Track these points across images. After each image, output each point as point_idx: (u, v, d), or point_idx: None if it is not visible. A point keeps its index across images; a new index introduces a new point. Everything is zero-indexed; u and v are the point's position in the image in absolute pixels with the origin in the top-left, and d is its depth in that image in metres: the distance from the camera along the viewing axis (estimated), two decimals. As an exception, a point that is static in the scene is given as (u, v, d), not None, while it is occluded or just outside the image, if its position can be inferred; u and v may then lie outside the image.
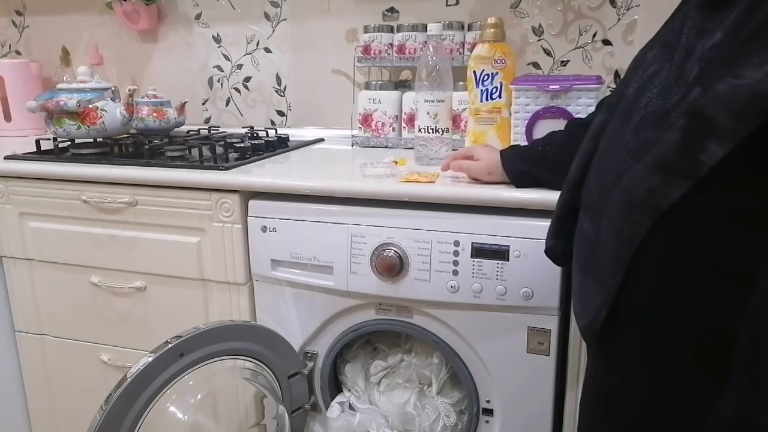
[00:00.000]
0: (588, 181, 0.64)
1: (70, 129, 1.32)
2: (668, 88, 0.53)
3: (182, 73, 1.79)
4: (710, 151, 0.47)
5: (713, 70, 0.48)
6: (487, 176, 1.02)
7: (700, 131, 0.47)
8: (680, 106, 0.50)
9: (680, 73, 0.52)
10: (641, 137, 0.54)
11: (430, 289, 1.03)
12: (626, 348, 0.57)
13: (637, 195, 0.52)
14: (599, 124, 0.65)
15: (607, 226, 0.56)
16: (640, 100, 0.57)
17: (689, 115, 0.48)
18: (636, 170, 0.53)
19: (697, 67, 0.50)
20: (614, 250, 0.55)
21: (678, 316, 0.52)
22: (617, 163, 0.56)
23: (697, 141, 0.47)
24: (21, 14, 1.93)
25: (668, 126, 0.50)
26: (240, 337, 1.05)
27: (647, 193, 0.51)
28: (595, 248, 0.59)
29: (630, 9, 1.37)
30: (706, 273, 0.50)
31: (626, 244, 0.53)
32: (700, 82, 0.49)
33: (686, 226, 0.50)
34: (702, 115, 0.47)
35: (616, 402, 0.60)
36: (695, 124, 0.48)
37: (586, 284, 0.61)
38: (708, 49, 0.50)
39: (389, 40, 1.47)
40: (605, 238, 0.57)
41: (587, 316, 0.60)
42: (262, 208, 1.12)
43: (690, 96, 0.49)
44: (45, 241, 1.30)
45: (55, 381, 1.41)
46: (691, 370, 0.52)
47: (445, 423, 1.12)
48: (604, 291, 0.57)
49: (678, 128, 0.49)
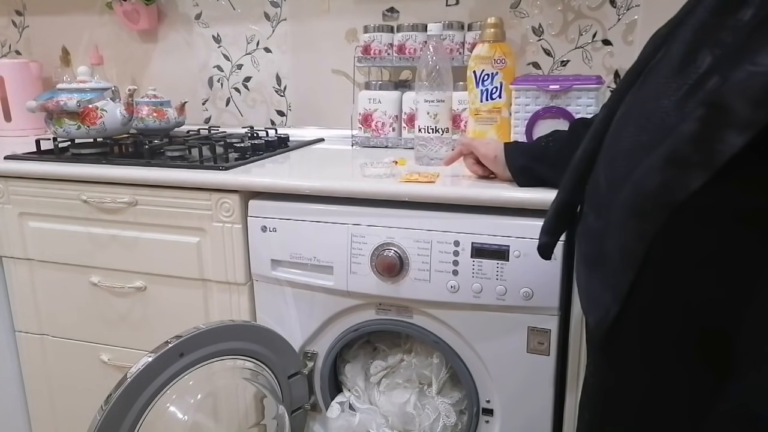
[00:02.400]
0: (594, 176, 0.63)
1: (70, 129, 1.32)
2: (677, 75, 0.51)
3: (182, 73, 1.79)
4: (729, 141, 0.45)
5: (729, 57, 0.46)
6: (493, 161, 1.02)
7: (719, 121, 0.46)
8: (696, 96, 0.48)
9: (690, 59, 0.50)
10: (653, 129, 0.52)
11: (430, 289, 1.03)
12: (627, 345, 0.57)
13: (650, 188, 0.50)
14: (601, 121, 0.64)
15: (617, 221, 0.55)
16: (648, 91, 0.55)
17: (708, 105, 0.46)
18: (649, 163, 0.51)
19: (709, 54, 0.48)
20: (623, 246, 0.54)
21: (680, 314, 0.51)
22: (627, 156, 0.54)
23: (716, 131, 0.46)
24: (21, 14, 1.93)
25: (684, 116, 0.48)
26: (240, 337, 1.05)
27: (660, 187, 0.49)
28: (601, 244, 0.57)
29: (630, 9, 1.37)
30: (709, 271, 0.49)
31: (637, 240, 0.52)
32: (718, 71, 0.47)
33: (689, 224, 0.49)
34: (722, 105, 0.45)
35: (617, 400, 0.60)
36: (714, 114, 0.46)
37: (591, 281, 0.60)
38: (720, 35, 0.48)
39: (389, 40, 1.47)
40: (613, 234, 0.55)
41: (596, 313, 0.59)
42: (262, 208, 1.12)
43: (707, 85, 0.47)
44: (45, 241, 1.30)
45: (55, 381, 1.41)
46: (693, 367, 0.52)
47: (445, 423, 1.12)
48: (613, 288, 0.55)
49: (695, 118, 0.47)
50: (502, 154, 1.00)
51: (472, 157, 1.07)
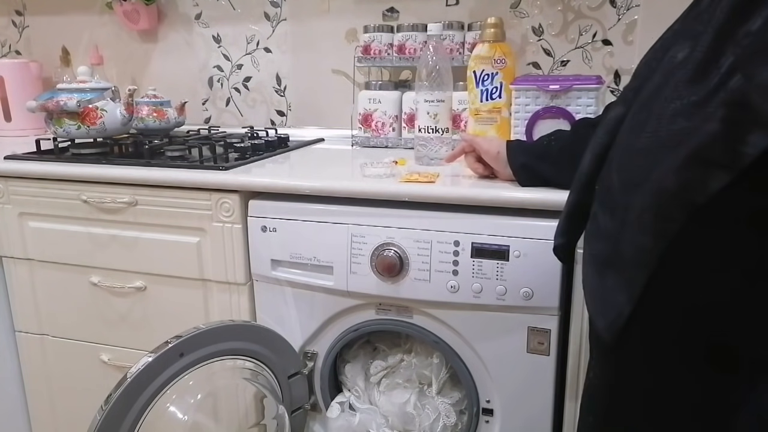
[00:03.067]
0: (605, 176, 0.62)
1: (70, 129, 1.32)
2: (699, 75, 0.50)
3: (182, 73, 1.79)
4: (753, 142, 0.44)
5: (752, 58, 0.46)
6: (495, 158, 1.02)
7: (743, 121, 0.45)
8: (718, 95, 0.47)
9: (712, 59, 0.49)
10: (675, 128, 0.51)
11: (430, 289, 1.03)
12: (632, 347, 0.56)
13: (670, 189, 0.50)
14: (615, 118, 0.62)
15: (633, 221, 0.54)
16: (668, 90, 0.54)
17: (731, 105, 0.46)
18: (669, 163, 0.50)
19: (732, 55, 0.48)
20: (640, 246, 0.53)
21: (685, 314, 0.51)
22: (645, 156, 0.53)
23: (740, 131, 0.45)
24: (21, 14, 1.93)
25: (706, 116, 0.47)
26: (240, 337, 1.05)
27: (681, 187, 0.49)
28: (615, 245, 0.57)
29: (630, 9, 1.37)
30: (718, 272, 0.49)
31: (655, 240, 0.51)
32: (741, 70, 0.46)
33: (695, 224, 0.49)
34: (745, 105, 0.45)
35: (620, 401, 0.60)
36: (738, 114, 0.45)
37: (604, 282, 0.59)
38: (743, 36, 0.47)
39: (389, 40, 1.47)
40: (630, 234, 0.54)
41: (608, 315, 0.58)
42: (262, 208, 1.12)
43: (729, 84, 0.46)
44: (45, 241, 1.30)
45: (55, 381, 1.41)
46: (702, 369, 0.51)
47: (445, 423, 1.12)
48: (627, 289, 0.54)
49: (718, 119, 0.46)
50: (504, 152, 1.00)
51: (473, 155, 1.06)
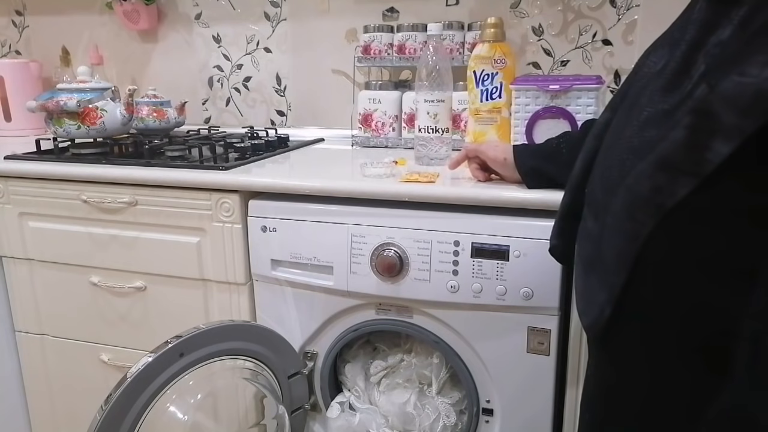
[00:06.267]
0: (592, 179, 0.64)
1: (70, 129, 1.32)
2: (672, 84, 0.53)
3: (182, 73, 1.79)
4: (716, 149, 0.46)
5: (719, 67, 0.47)
6: (502, 164, 1.00)
7: (705, 129, 0.47)
8: (686, 104, 0.49)
9: (685, 69, 0.52)
10: (646, 135, 0.53)
11: (430, 289, 1.03)
12: (629, 345, 0.57)
13: (642, 193, 0.52)
14: (603, 123, 0.65)
15: (612, 224, 0.56)
16: (644, 98, 0.56)
17: (695, 113, 0.48)
18: (641, 168, 0.52)
19: (702, 64, 0.50)
20: (618, 248, 0.55)
21: (682, 314, 0.52)
22: (621, 161, 0.56)
23: (703, 139, 0.47)
24: (21, 14, 1.93)
25: (674, 124, 0.50)
26: (240, 337, 1.05)
27: (652, 192, 0.51)
28: (598, 246, 0.58)
29: (630, 9, 1.37)
30: (711, 271, 0.50)
31: (630, 242, 0.53)
32: (706, 80, 0.48)
33: (690, 224, 0.50)
34: (708, 113, 0.47)
35: (618, 400, 0.60)
36: (701, 122, 0.47)
37: (589, 282, 0.61)
38: (713, 45, 0.50)
39: (389, 40, 1.47)
40: (609, 236, 0.57)
41: (591, 314, 0.60)
42: (262, 208, 1.12)
43: (695, 93, 0.49)
44: (45, 241, 1.30)
45: (55, 381, 1.41)
46: (695, 368, 0.52)
47: (445, 423, 1.12)
48: (607, 289, 0.56)
49: (684, 126, 0.48)
50: (511, 158, 0.98)
51: (476, 162, 1.05)
